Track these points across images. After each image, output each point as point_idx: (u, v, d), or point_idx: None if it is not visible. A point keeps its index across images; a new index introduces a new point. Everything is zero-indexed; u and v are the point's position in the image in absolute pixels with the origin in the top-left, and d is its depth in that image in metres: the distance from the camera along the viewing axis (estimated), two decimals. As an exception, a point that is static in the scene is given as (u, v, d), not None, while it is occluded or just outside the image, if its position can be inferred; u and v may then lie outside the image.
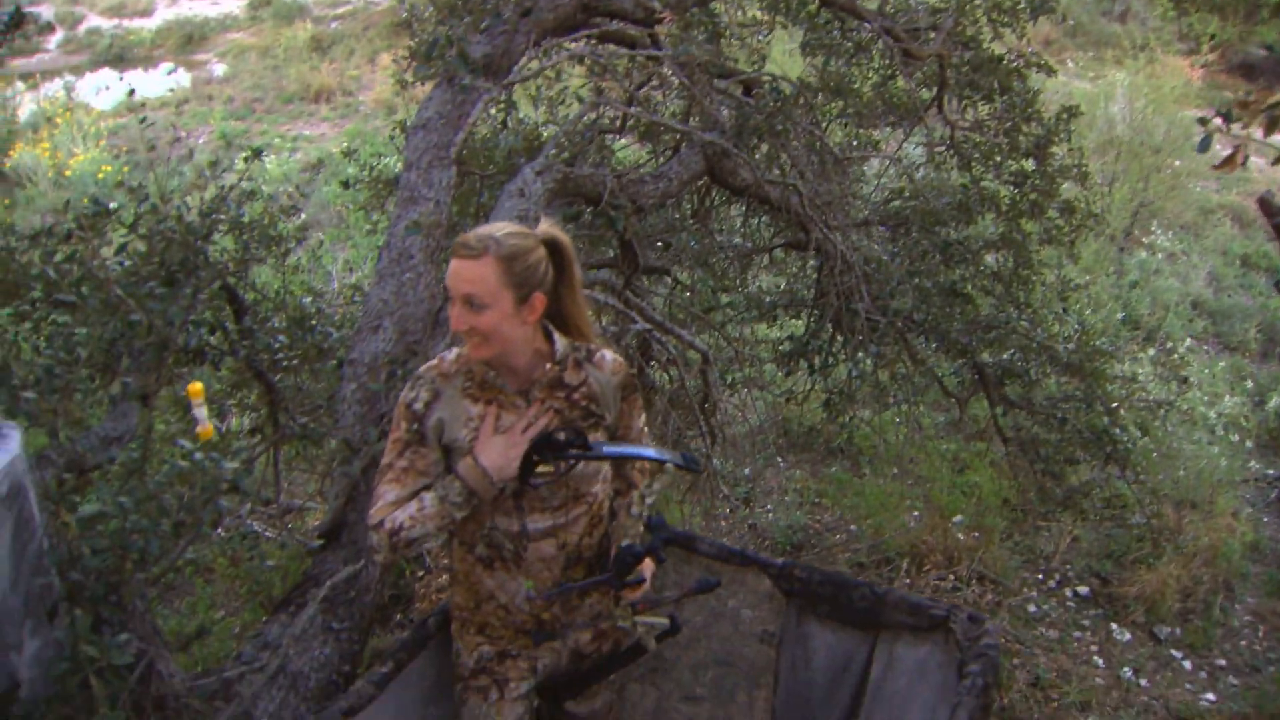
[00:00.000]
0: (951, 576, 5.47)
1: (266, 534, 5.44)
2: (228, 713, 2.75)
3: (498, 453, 2.51)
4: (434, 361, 2.67)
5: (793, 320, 6.43)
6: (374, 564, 3.28)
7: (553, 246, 2.54)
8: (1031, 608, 5.36)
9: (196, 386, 3.11)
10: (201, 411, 3.13)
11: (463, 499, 2.53)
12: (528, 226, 2.58)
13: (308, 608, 3.00)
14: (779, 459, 6.87)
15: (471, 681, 2.81)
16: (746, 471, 6.63)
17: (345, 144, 10.61)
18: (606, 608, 2.82)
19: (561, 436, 2.48)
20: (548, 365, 2.60)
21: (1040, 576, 5.65)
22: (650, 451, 2.64)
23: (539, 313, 2.52)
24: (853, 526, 6.09)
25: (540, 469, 2.52)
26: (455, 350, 2.69)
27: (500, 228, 2.49)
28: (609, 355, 2.73)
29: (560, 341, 2.63)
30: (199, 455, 2.81)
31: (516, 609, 2.73)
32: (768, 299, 6.01)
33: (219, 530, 5.04)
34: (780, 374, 6.33)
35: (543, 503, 2.63)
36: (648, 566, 2.71)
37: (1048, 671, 4.82)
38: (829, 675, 3.28)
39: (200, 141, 11.25)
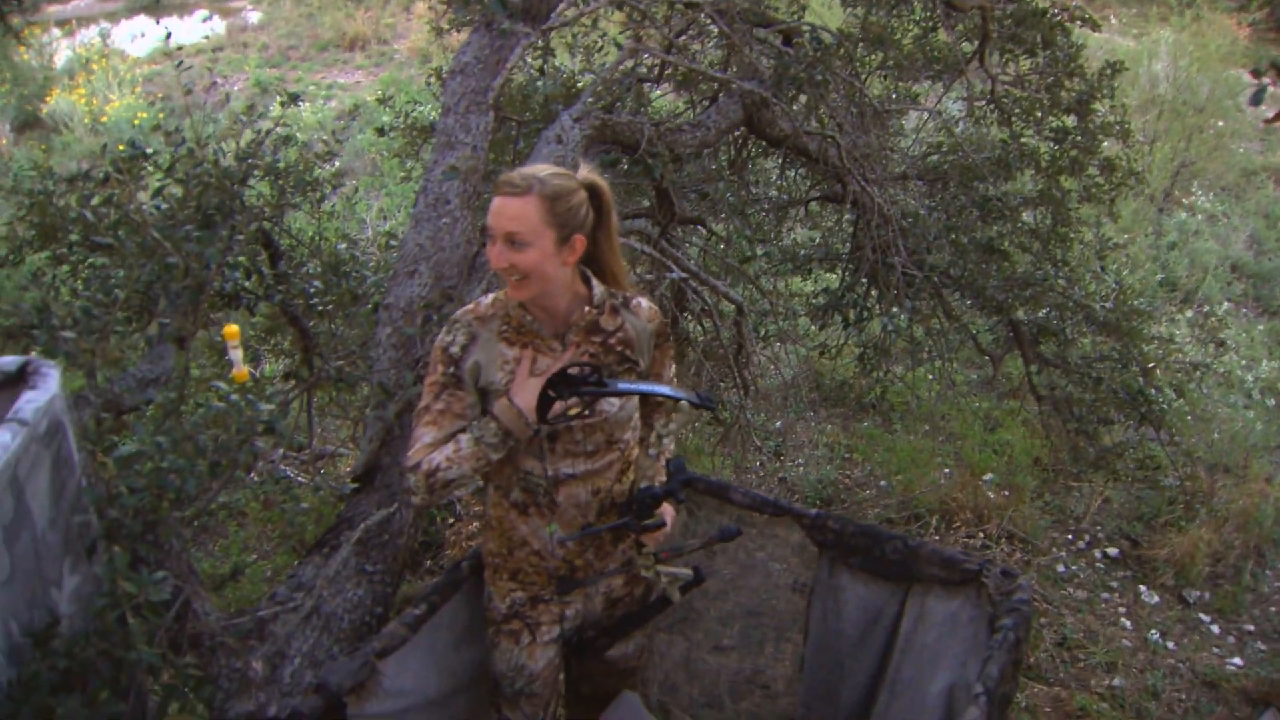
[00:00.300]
0: (981, 534, 5.46)
1: (299, 479, 5.49)
2: (262, 651, 2.78)
3: (532, 394, 2.51)
4: (470, 305, 2.68)
5: (827, 274, 6.40)
6: (407, 508, 3.30)
7: (593, 191, 2.55)
8: (1060, 567, 5.34)
9: (232, 329, 3.12)
10: (237, 354, 3.14)
11: (498, 440, 2.54)
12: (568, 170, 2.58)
13: (341, 550, 3.02)
14: (810, 413, 6.86)
15: (504, 626, 2.83)
16: (778, 425, 6.62)
17: (380, 92, 10.59)
18: (636, 557, 2.84)
19: (575, 372, 2.48)
20: (585, 309, 2.62)
21: (1070, 537, 5.62)
22: (665, 388, 2.65)
23: (578, 254, 2.54)
24: (883, 482, 6.07)
25: (571, 411, 2.53)
26: (492, 295, 2.70)
27: (543, 168, 2.51)
28: (645, 302, 2.75)
29: (598, 287, 2.65)
30: (234, 397, 2.82)
31: (549, 554, 2.74)
32: (802, 252, 5.98)
33: (251, 474, 5.08)
34: (814, 327, 6.31)
35: (576, 447, 2.64)
36: (668, 511, 2.75)
37: (1075, 631, 4.81)
38: (859, 627, 3.28)
39: (235, 88, 11.23)
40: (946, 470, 6.10)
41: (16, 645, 2.45)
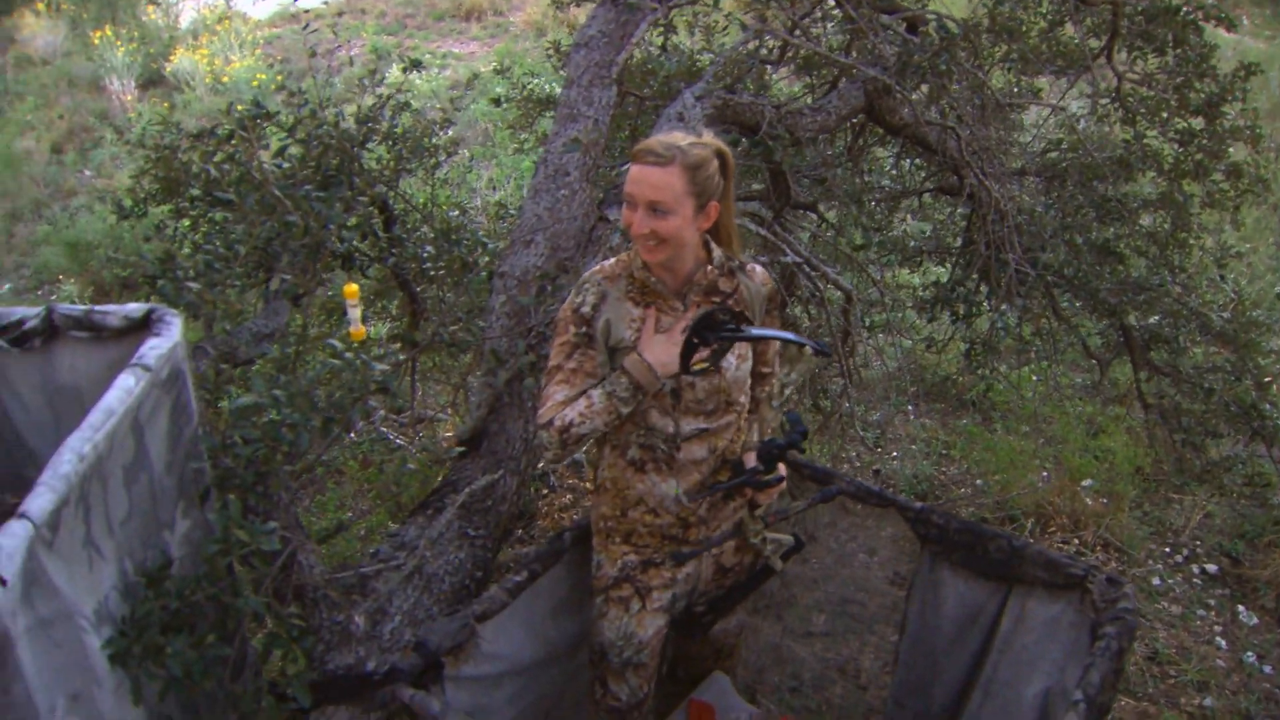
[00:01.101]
0: (1076, 541, 5.36)
1: (398, 441, 5.57)
2: (364, 607, 2.83)
3: (661, 349, 2.60)
4: (597, 267, 2.75)
5: (935, 267, 6.31)
6: (512, 475, 3.33)
7: (720, 158, 2.60)
8: (1155, 580, 5.22)
9: (352, 288, 3.17)
10: (355, 313, 3.19)
11: (629, 394, 2.61)
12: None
13: (445, 512, 3.05)
14: (909, 406, 6.78)
15: (613, 592, 2.87)
16: (876, 416, 6.56)
17: (494, 63, 10.66)
18: (746, 518, 2.88)
19: (720, 316, 2.56)
20: (708, 269, 2.68)
21: (1168, 550, 5.49)
22: (791, 334, 2.72)
23: (712, 220, 2.61)
24: (979, 481, 5.98)
25: (698, 365, 2.59)
26: (614, 257, 2.77)
27: (682, 137, 2.55)
28: (759, 267, 2.82)
29: (717, 251, 2.71)
30: (348, 355, 2.87)
31: (665, 511, 2.78)
32: (912, 243, 5.91)
33: (351, 434, 5.17)
34: (920, 320, 6.23)
35: (698, 405, 2.70)
36: (780, 467, 2.78)
37: (1167, 647, 4.70)
38: (957, 624, 3.24)
39: (352, 54, 11.38)
40: (1045, 473, 6.00)
41: (131, 583, 2.52)
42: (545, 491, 5.42)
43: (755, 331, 2.63)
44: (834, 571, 3.42)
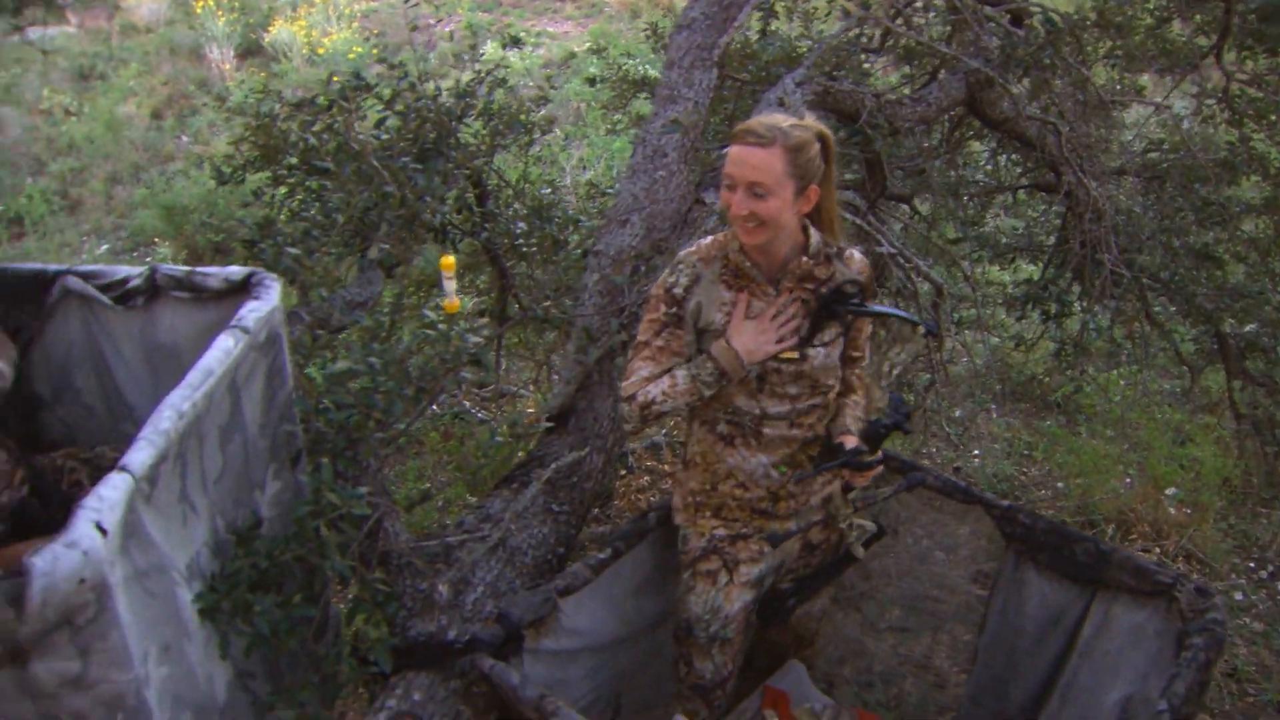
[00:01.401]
0: (1157, 550, 5.26)
1: (479, 415, 5.61)
2: (448, 576, 2.85)
3: (749, 336, 2.60)
4: (692, 247, 2.74)
5: (1027, 265, 6.22)
6: (599, 453, 3.35)
7: (822, 141, 2.58)
8: (1238, 595, 5.10)
9: (449, 260, 3.19)
10: (451, 285, 3.21)
11: (714, 379, 2.62)
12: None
13: (531, 487, 3.07)
14: (993, 404, 6.70)
15: (700, 565, 2.87)
16: (959, 413, 6.49)
17: (588, 43, 10.68)
18: (834, 494, 2.90)
19: (849, 289, 2.60)
20: (803, 259, 2.66)
21: (1252, 564, 5.36)
22: (908, 313, 2.75)
23: (812, 204, 2.59)
24: (1060, 484, 5.89)
25: (786, 355, 2.62)
26: (711, 237, 2.75)
27: (783, 118, 2.54)
28: (858, 254, 2.79)
29: (815, 236, 2.68)
30: (441, 326, 2.89)
31: (755, 485, 2.79)
32: (1004, 240, 5.83)
33: (434, 406, 5.22)
34: (1009, 318, 6.14)
35: (783, 389, 2.70)
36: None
37: (1247, 664, 4.59)
38: (1039, 625, 3.20)
39: (447, 29, 11.47)
40: (1128, 480, 5.89)
41: (221, 541, 2.57)
42: (623, 472, 5.44)
43: (877, 307, 2.66)
44: (915, 566, 3.39)
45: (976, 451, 6.21)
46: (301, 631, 2.64)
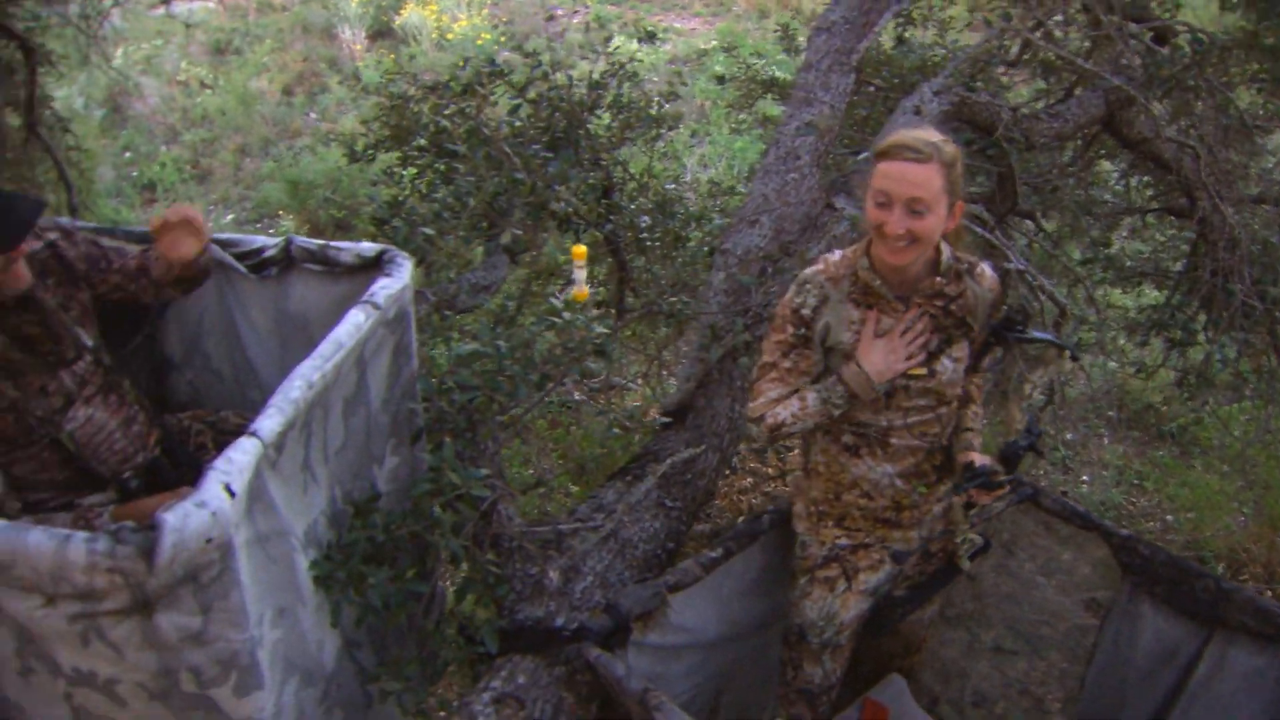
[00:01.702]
0: (1269, 593, 5.10)
1: (588, 405, 5.64)
2: (559, 563, 2.88)
3: (879, 357, 2.58)
4: (819, 266, 2.70)
5: (1151, 291, 6.07)
6: (714, 451, 3.35)
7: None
8: (1358, 646, 4.93)
9: (580, 250, 3.21)
10: (581, 274, 3.23)
11: (844, 401, 2.61)
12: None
13: (645, 480, 3.09)
14: (1104, 431, 6.55)
15: (819, 572, 2.87)
16: (1070, 436, 6.36)
17: (714, 41, 10.65)
18: (954, 507, 2.87)
19: (1015, 318, 2.62)
20: (935, 278, 2.61)
21: (1372, 614, 5.18)
22: (1053, 336, 2.77)
23: (958, 220, 2.54)
24: (1169, 516, 5.75)
25: (914, 371, 2.60)
26: (840, 252, 2.71)
27: (933, 133, 2.49)
28: (989, 270, 2.73)
29: (946, 252, 2.62)
30: (567, 315, 2.91)
31: (880, 494, 2.77)
32: (1129, 263, 5.68)
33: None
34: (1129, 344, 6.00)
35: (910, 403, 2.67)
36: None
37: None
38: (1151, 660, 3.13)
39: (574, 20, 11.54)
40: (1242, 518, 5.72)
41: (338, 511, 2.62)
42: (726, 472, 5.42)
43: (1039, 334, 2.65)
44: (1027, 590, 3.33)
45: (1086, 477, 6.08)
46: (411, 606, 2.68)
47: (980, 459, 2.69)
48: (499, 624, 2.77)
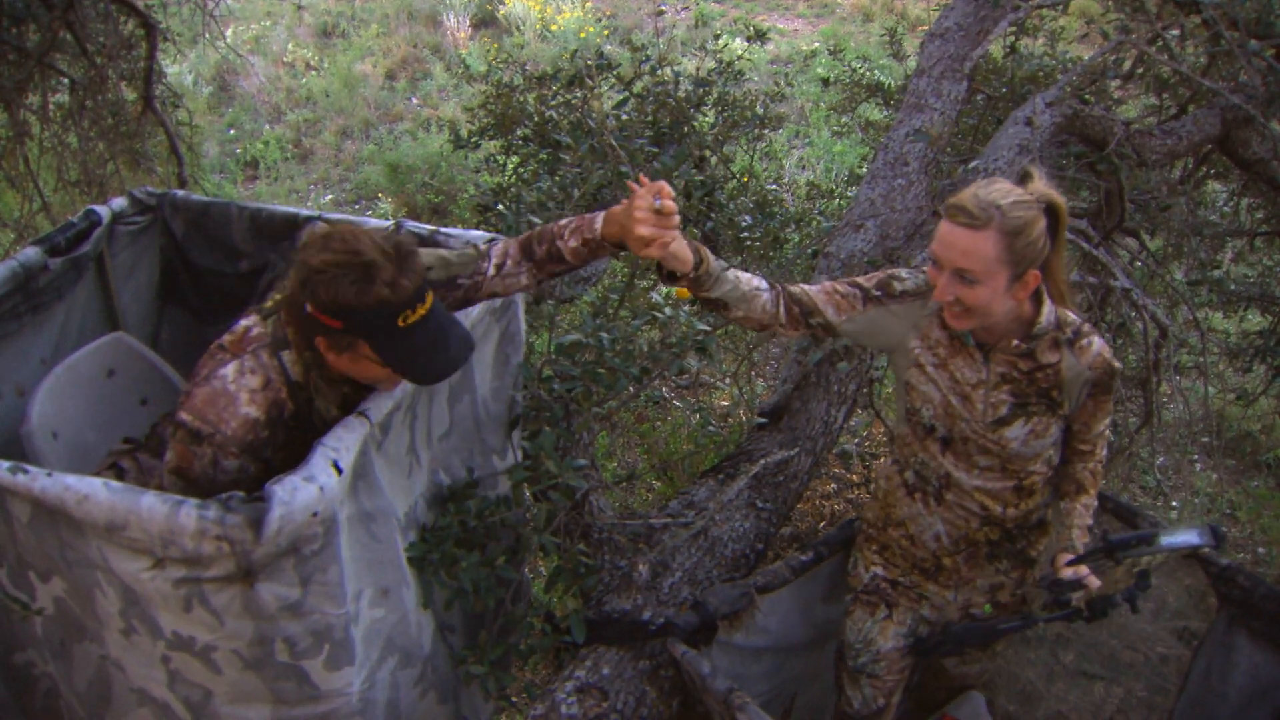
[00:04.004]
0: (1361, 636, 4.95)
1: (675, 402, 5.65)
2: (648, 557, 2.89)
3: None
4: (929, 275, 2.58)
5: (1256, 317, 5.93)
6: (807, 455, 3.34)
7: (1051, 212, 2.28)
8: None
9: (683, 245, 3.20)
10: (684, 270, 3.22)
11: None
12: (1022, 186, 2.31)
13: (738, 480, 3.09)
14: (1197, 457, 6.41)
15: (863, 595, 2.83)
16: (1161, 460, 6.22)
17: (817, 43, 10.58)
18: (1008, 583, 2.73)
19: (1143, 531, 2.45)
20: (1017, 342, 2.42)
21: None
22: (1189, 538, 2.40)
23: (1030, 290, 2.31)
24: (1261, 549, 5.61)
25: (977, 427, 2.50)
26: None
27: (1002, 192, 2.24)
28: (1098, 344, 2.45)
29: (1048, 315, 2.40)
30: (669, 310, 2.91)
31: (922, 544, 2.70)
32: (1232, 286, 5.55)
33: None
34: (1231, 370, 5.86)
35: (968, 456, 2.55)
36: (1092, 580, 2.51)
37: None
38: (1244, 696, 3.05)
39: (679, 17, 11.54)
40: (1339, 554, 5.57)
41: (437, 495, 2.65)
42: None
43: (1171, 543, 2.37)
44: (1119, 614, 3.26)
45: (1175, 503, 5.96)
46: (500, 592, 2.70)
47: (1070, 571, 2.47)
48: (586, 614, 2.79)
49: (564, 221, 2.38)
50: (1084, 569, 2.45)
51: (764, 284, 2.50)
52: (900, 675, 2.86)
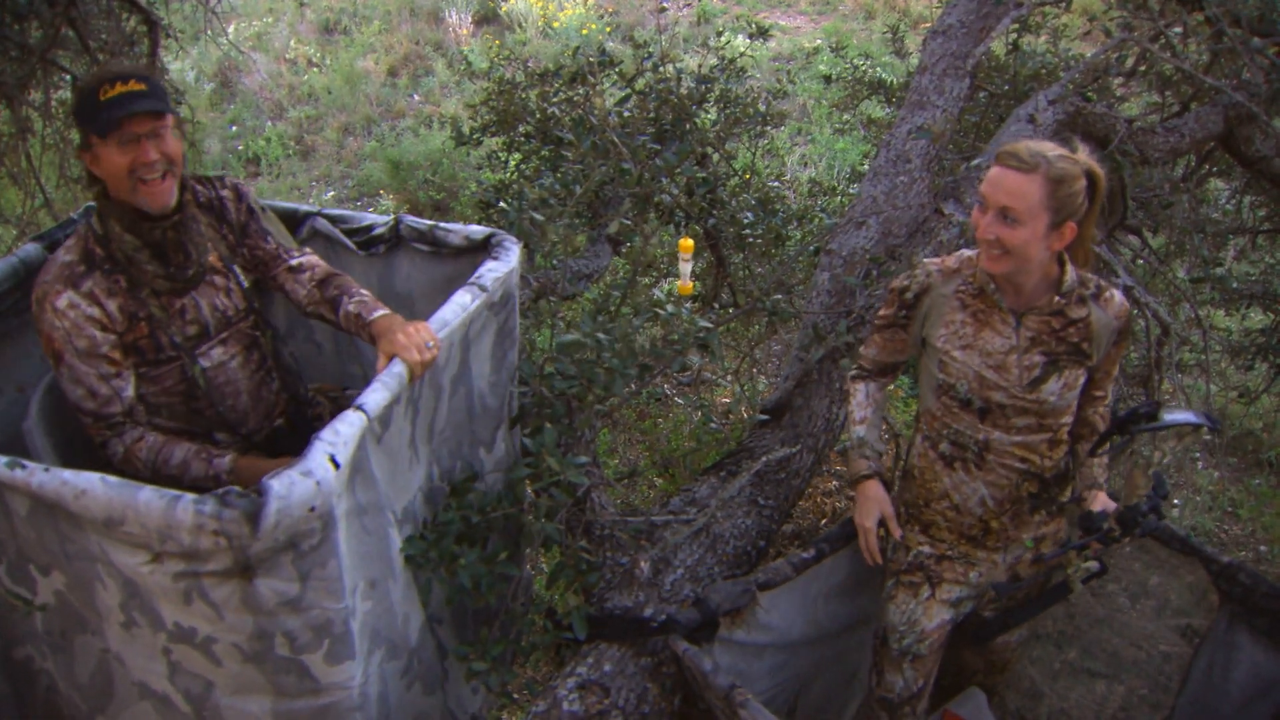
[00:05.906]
0: (1363, 634, 4.94)
1: (677, 399, 5.65)
2: (650, 554, 2.89)
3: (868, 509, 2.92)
4: (939, 258, 2.71)
5: (1258, 314, 5.92)
6: (809, 451, 3.33)
7: (1091, 179, 2.45)
8: None
9: (688, 243, 3.21)
10: (687, 267, 3.23)
11: (851, 482, 2.91)
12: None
13: (740, 477, 3.08)
14: (1199, 454, 6.40)
15: (904, 576, 2.86)
16: (1165, 459, 6.21)
17: (818, 40, 10.57)
18: (1052, 533, 2.82)
19: (1141, 411, 2.52)
20: (1055, 297, 2.57)
21: None
22: (1195, 416, 2.53)
23: (1066, 242, 2.47)
24: (1262, 547, 5.60)
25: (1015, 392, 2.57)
26: (967, 251, 2.72)
27: (1050, 147, 2.42)
28: (1118, 296, 2.63)
29: (1072, 274, 2.57)
30: (671, 308, 2.91)
31: (968, 511, 2.75)
32: (1234, 284, 5.55)
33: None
34: (1233, 368, 5.86)
35: (1006, 420, 2.65)
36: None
37: None
38: (1245, 694, 3.04)
39: (681, 14, 11.53)
40: (1341, 551, 5.56)
41: (434, 489, 2.65)
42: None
43: (1174, 418, 2.51)
44: (1121, 612, 3.26)
45: (1177, 501, 5.95)
46: (500, 588, 2.70)
47: (1102, 504, 2.65)
48: (588, 611, 2.79)
49: (363, 290, 2.66)
50: (1110, 502, 2.67)
51: (862, 397, 2.94)
52: (939, 655, 2.91)
